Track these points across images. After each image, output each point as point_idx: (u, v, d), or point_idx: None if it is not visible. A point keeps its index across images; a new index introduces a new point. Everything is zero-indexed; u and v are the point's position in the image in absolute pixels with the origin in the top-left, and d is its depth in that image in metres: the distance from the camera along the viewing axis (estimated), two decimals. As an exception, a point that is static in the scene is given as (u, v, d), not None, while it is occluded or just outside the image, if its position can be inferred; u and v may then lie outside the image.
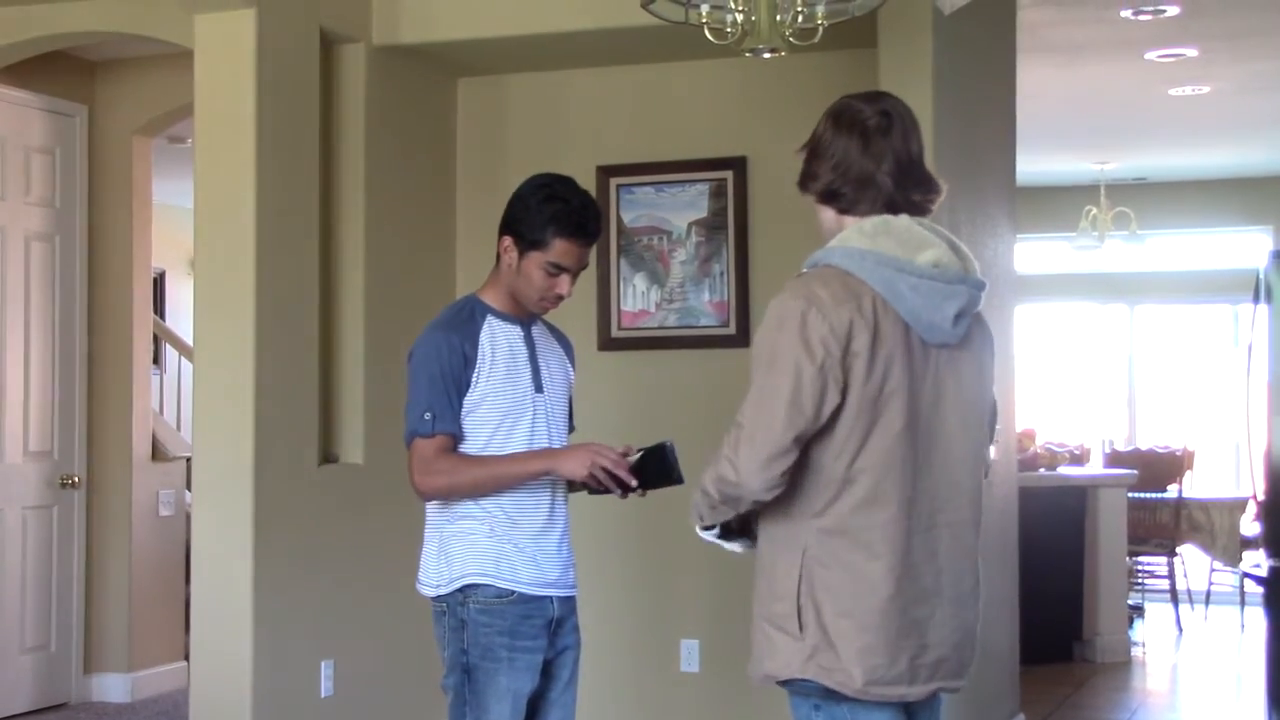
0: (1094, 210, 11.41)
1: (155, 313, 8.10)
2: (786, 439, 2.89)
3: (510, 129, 6.73)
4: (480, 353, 3.92)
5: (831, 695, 2.96)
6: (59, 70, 7.38)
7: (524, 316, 4.05)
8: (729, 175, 6.42)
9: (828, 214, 3.11)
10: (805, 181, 3.16)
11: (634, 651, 6.49)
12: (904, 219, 3.05)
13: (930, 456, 2.99)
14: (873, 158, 3.08)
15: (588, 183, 6.50)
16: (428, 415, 3.91)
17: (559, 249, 3.90)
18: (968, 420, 3.07)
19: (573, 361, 4.30)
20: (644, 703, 6.50)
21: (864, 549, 2.94)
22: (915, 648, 2.97)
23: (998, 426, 3.36)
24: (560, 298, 3.97)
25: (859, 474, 2.93)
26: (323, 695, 5.86)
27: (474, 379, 3.91)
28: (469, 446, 3.94)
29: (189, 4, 5.55)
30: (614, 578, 6.53)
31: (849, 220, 3.07)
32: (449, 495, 3.92)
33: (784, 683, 3.02)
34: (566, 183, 4.06)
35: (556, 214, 3.92)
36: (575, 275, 3.99)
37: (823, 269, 3.00)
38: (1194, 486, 11.00)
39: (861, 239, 3.00)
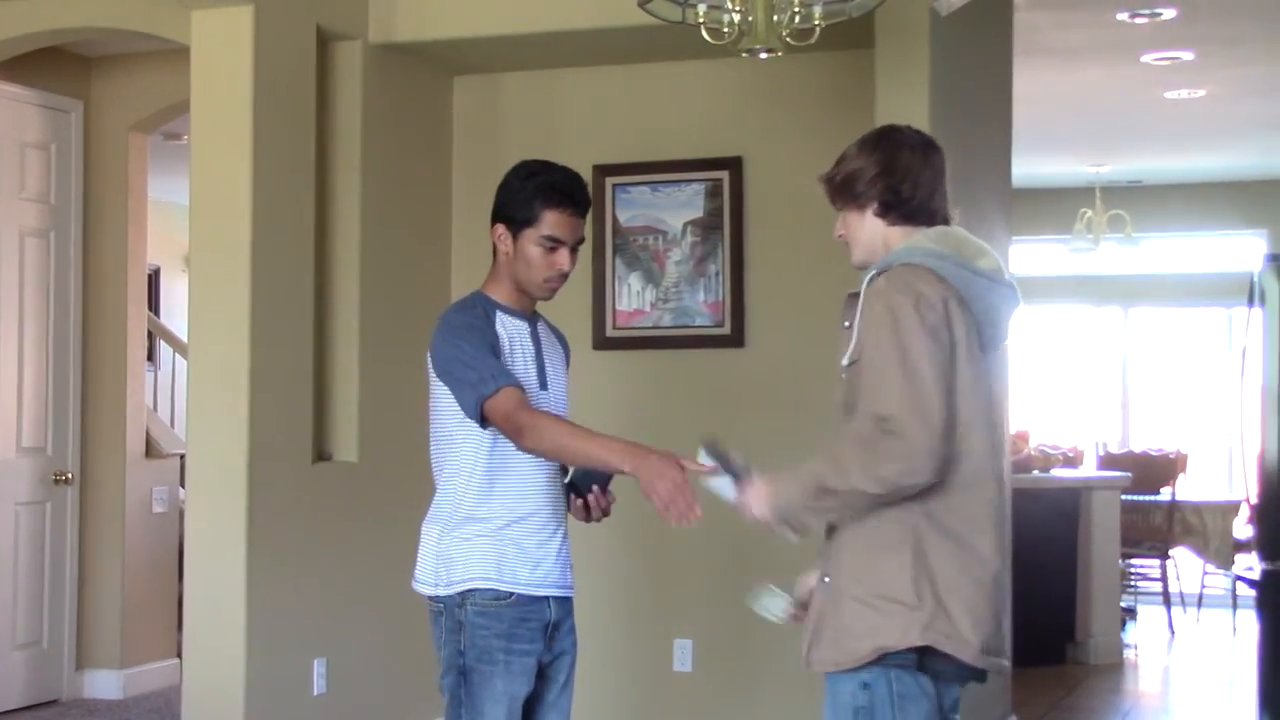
0: (1089, 213, 11.42)
1: (150, 309, 8.09)
2: (945, 419, 3.00)
3: (506, 128, 6.72)
4: (500, 342, 3.91)
5: (921, 665, 3.07)
6: (55, 66, 7.37)
7: (529, 313, 4.03)
8: (725, 175, 6.41)
9: (876, 225, 3.26)
10: (861, 193, 3.28)
11: (628, 651, 6.49)
12: (959, 229, 3.27)
13: (999, 446, 3.17)
14: (934, 174, 3.31)
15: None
16: (482, 378, 3.83)
17: (550, 220, 3.92)
18: (1003, 420, 3.28)
19: (568, 364, 4.25)
20: (638, 702, 6.49)
21: (972, 525, 3.08)
22: (1004, 622, 3.16)
23: None
24: (564, 275, 3.96)
25: (964, 455, 3.06)
26: (315, 693, 5.86)
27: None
28: (476, 439, 3.93)
29: (186, 0, 5.54)
30: (608, 577, 6.53)
31: (898, 231, 3.24)
32: (540, 449, 3.85)
33: (885, 656, 3.07)
34: (546, 162, 4.08)
35: (540, 186, 3.95)
36: (574, 250, 3.99)
37: (905, 267, 3.12)
38: (1187, 489, 11.02)
39: (929, 243, 3.17)
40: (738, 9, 4.58)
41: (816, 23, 4.63)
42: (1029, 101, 7.55)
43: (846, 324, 3.30)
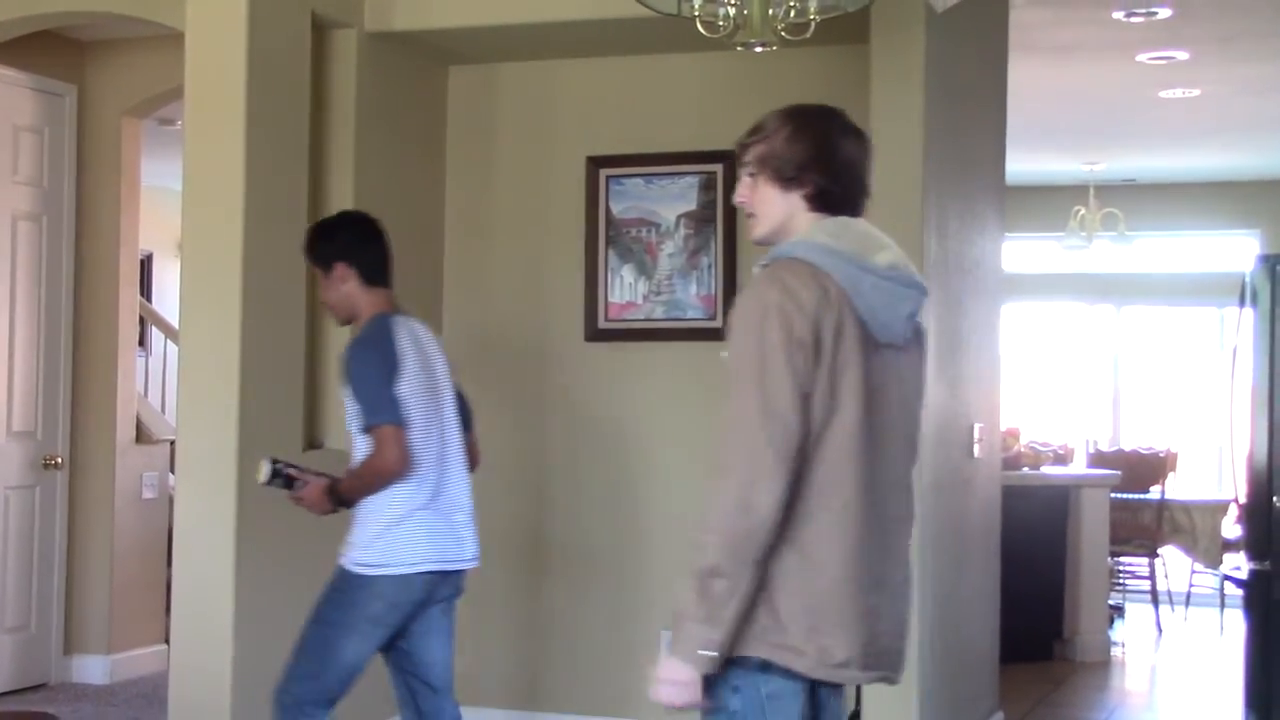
0: (1082, 210, 11.43)
1: (142, 294, 8.09)
2: (800, 418, 2.88)
3: (501, 118, 6.72)
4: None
5: (768, 671, 2.94)
6: (49, 49, 7.36)
7: None
8: (719, 169, 6.40)
9: (797, 208, 3.12)
10: (793, 177, 3.12)
11: (613, 642, 6.49)
12: (862, 221, 3.14)
13: (877, 452, 3.00)
14: (865, 168, 3.19)
15: (578, 173, 6.55)
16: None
17: None
18: (908, 420, 3.11)
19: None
20: (624, 691, 6.50)
21: (817, 536, 2.93)
22: (867, 634, 2.98)
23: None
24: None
25: (817, 464, 2.92)
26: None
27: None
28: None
29: (180, -14, 5.54)
30: (592, 568, 6.53)
31: (812, 218, 3.11)
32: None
33: (729, 661, 2.93)
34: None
35: None
36: None
37: (789, 261, 3.01)
38: (1177, 488, 11.03)
39: (825, 236, 3.05)
40: (733, 2, 4.58)
41: (812, 17, 4.63)
42: (1024, 98, 7.55)
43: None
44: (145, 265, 9.05)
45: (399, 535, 4.41)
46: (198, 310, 5.59)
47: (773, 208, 3.15)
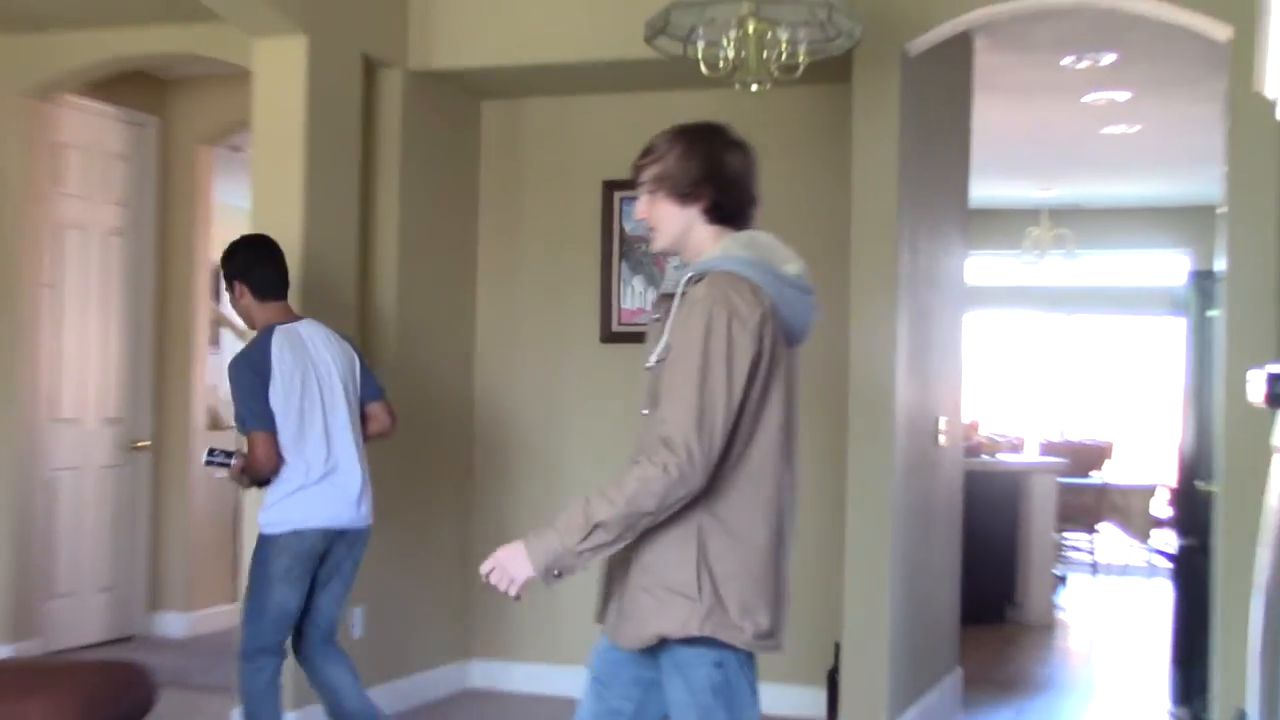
0: (1036, 231, 11.43)
1: (213, 300, 8.07)
2: (724, 438, 2.83)
3: (526, 146, 6.71)
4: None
5: (727, 649, 2.90)
6: (135, 86, 7.37)
7: None
8: (718, 192, 6.38)
9: (695, 221, 3.02)
10: (687, 192, 3.03)
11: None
12: (766, 234, 3.05)
13: (792, 443, 3.00)
14: (752, 178, 3.09)
15: (594, 195, 6.52)
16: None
17: None
18: (797, 416, 3.07)
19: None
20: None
21: (751, 522, 2.91)
22: (783, 609, 2.98)
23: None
24: None
25: (750, 458, 2.90)
26: (355, 636, 5.84)
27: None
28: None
29: (249, 30, 5.53)
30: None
31: (713, 230, 3.01)
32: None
33: (679, 641, 2.90)
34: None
35: None
36: None
37: (729, 277, 2.89)
38: (1114, 474, 11.04)
39: (744, 250, 2.95)
40: (732, 46, 4.57)
41: (800, 59, 4.63)
42: (985, 132, 7.52)
43: (656, 318, 3.06)
44: (217, 275, 9.03)
45: (295, 501, 4.50)
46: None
47: (672, 221, 3.05)
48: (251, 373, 4.50)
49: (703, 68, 4.67)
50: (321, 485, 4.55)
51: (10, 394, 6.67)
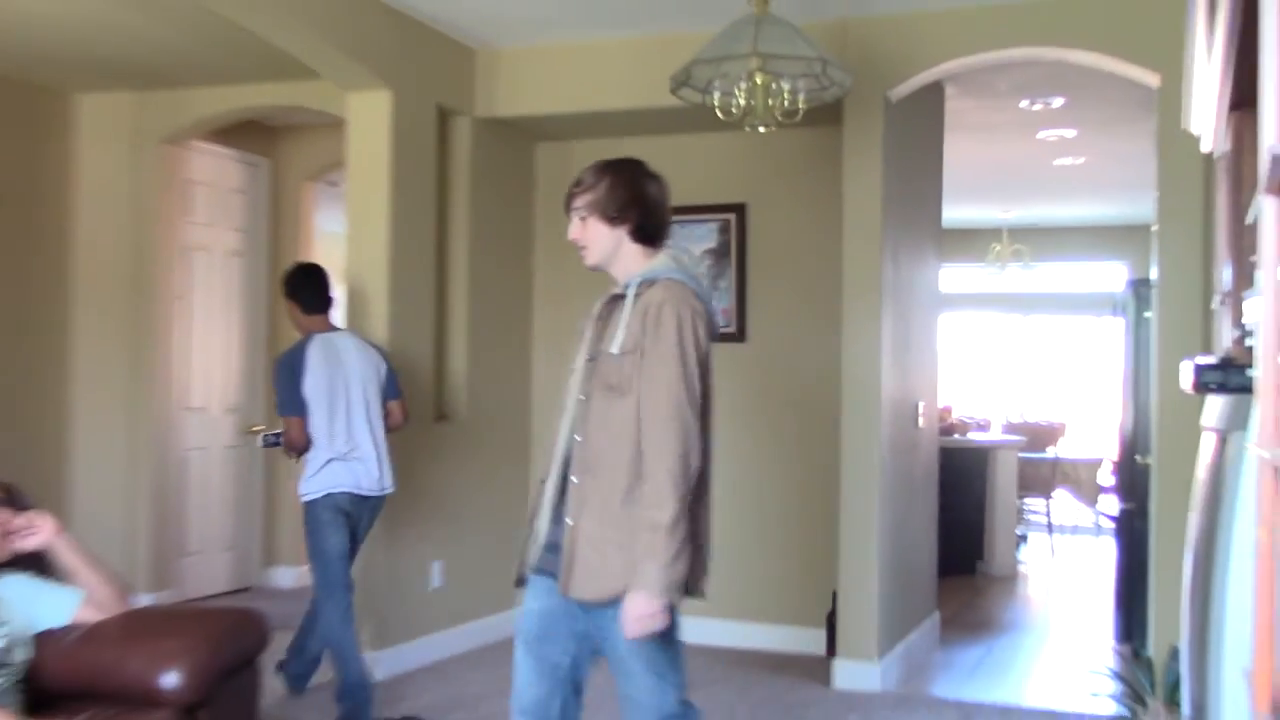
0: (998, 246, 11.35)
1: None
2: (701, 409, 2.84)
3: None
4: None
5: (688, 594, 2.88)
6: (251, 133, 7.40)
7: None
8: (732, 217, 6.38)
9: (623, 241, 2.99)
10: (615, 216, 2.98)
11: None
12: (680, 254, 3.04)
13: (710, 420, 2.91)
14: (667, 204, 3.08)
15: (630, 220, 6.51)
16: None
17: None
18: (714, 395, 2.98)
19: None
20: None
21: (707, 490, 2.88)
22: (709, 562, 2.94)
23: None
24: None
25: (704, 436, 2.86)
26: (433, 587, 5.86)
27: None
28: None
29: (344, 85, 5.54)
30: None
31: (639, 249, 2.99)
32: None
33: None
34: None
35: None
36: None
37: (679, 285, 2.88)
38: (1066, 449, 10.96)
39: (677, 264, 2.96)
40: (743, 95, 4.56)
41: (800, 106, 4.61)
42: (955, 164, 7.48)
43: (598, 317, 2.98)
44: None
45: (325, 472, 4.72)
46: (360, 322, 5.60)
47: (603, 241, 3.00)
48: (289, 370, 4.77)
49: (718, 113, 4.66)
50: (345, 460, 4.75)
51: (149, 388, 6.71)
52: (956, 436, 9.07)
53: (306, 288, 4.96)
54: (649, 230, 3.00)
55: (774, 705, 5.22)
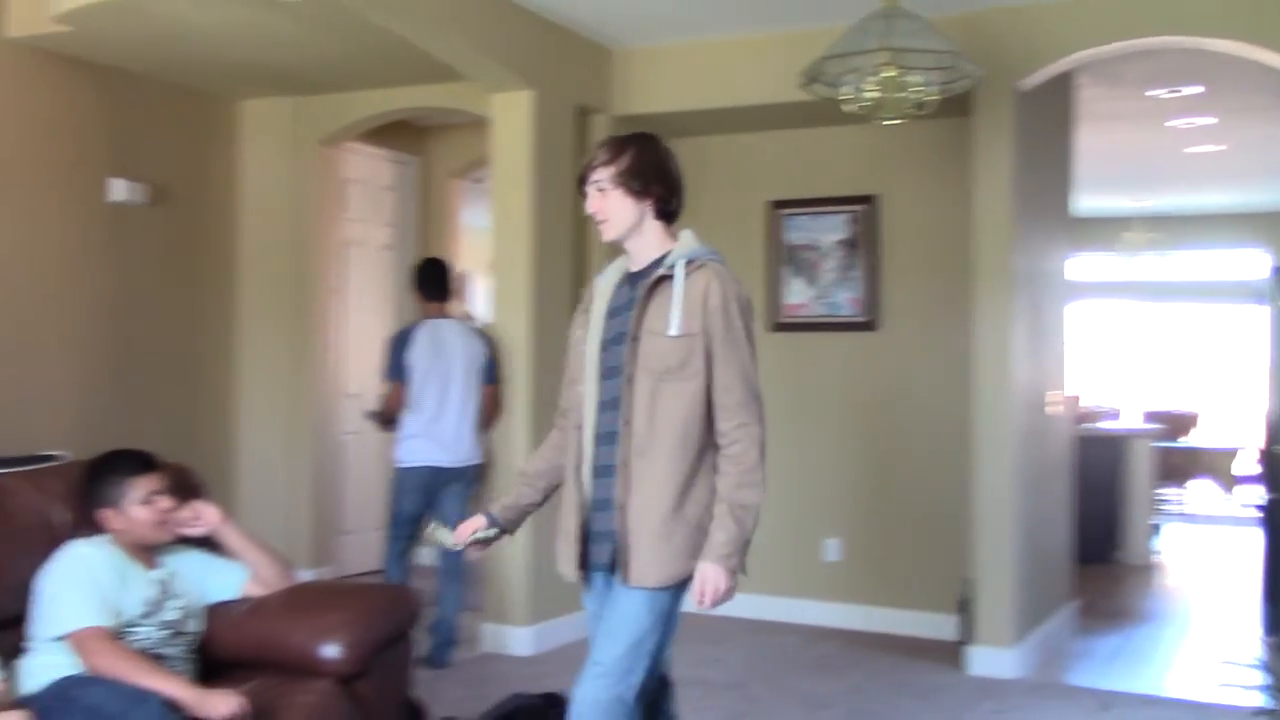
0: (1129, 235, 11.03)
1: (463, 300, 8.25)
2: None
3: (706, 174, 6.70)
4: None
5: (681, 586, 2.78)
6: (400, 133, 7.56)
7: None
8: (864, 208, 6.31)
9: (645, 216, 2.86)
10: (639, 190, 2.84)
11: (782, 548, 6.45)
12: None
13: None
14: (683, 181, 2.96)
15: (760, 214, 6.50)
16: None
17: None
18: None
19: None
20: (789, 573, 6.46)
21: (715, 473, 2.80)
22: None
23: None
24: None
25: None
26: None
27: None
28: None
29: (488, 87, 5.63)
30: (786, 496, 6.49)
31: (660, 225, 2.88)
32: None
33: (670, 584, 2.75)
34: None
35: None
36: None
37: (722, 265, 2.83)
38: (1201, 438, 10.61)
39: (706, 244, 2.88)
40: (873, 89, 4.51)
41: (930, 98, 4.54)
42: (1086, 153, 7.28)
43: (646, 298, 2.79)
44: (463, 278, 9.24)
45: (406, 445, 5.33)
46: (503, 311, 5.70)
47: (626, 215, 2.85)
48: (396, 343, 5.38)
49: (849, 107, 4.62)
50: (423, 436, 5.28)
51: (309, 375, 6.91)
52: (1089, 425, 8.85)
53: (426, 279, 5.48)
54: (671, 206, 2.89)
55: (907, 690, 5.16)
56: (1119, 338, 12.81)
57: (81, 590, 2.99)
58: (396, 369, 5.32)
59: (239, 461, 6.89)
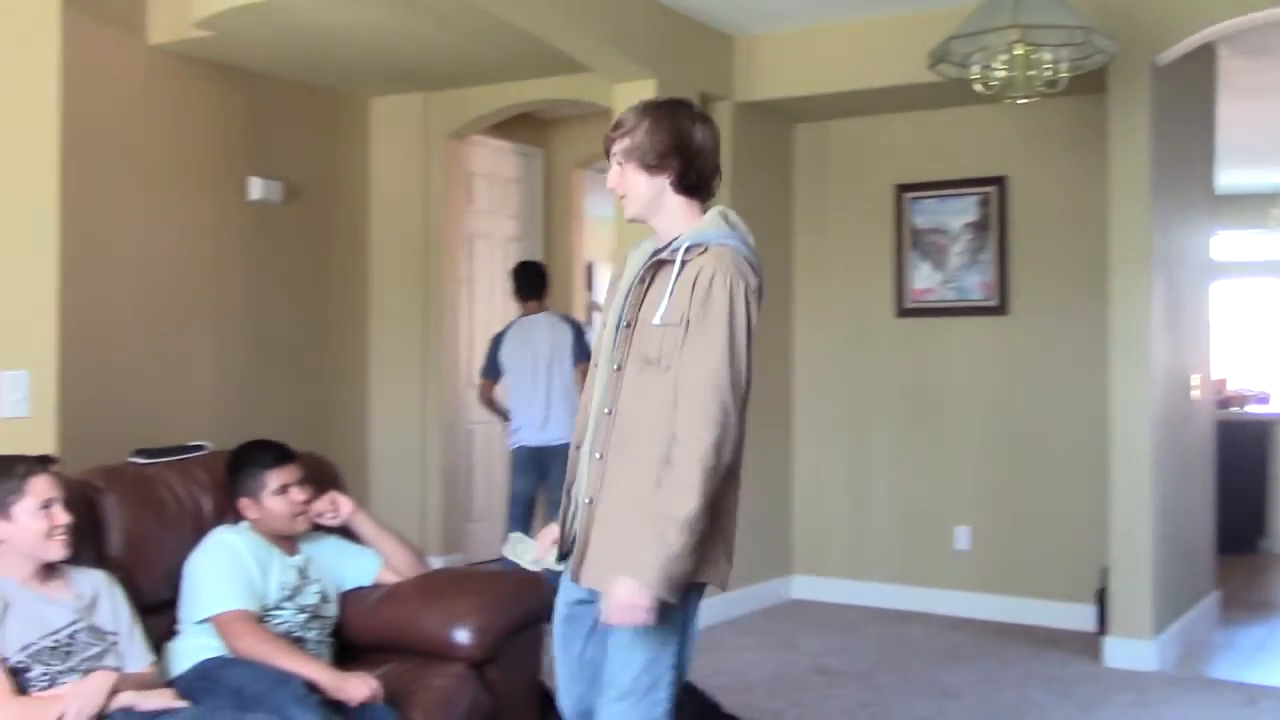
0: (1277, 211, 10.59)
1: (586, 289, 8.31)
2: (745, 389, 2.50)
3: (832, 159, 6.64)
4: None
5: (702, 586, 2.55)
6: (525, 126, 7.62)
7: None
8: (994, 190, 6.18)
9: (664, 191, 2.61)
10: (654, 164, 2.58)
11: (914, 535, 6.36)
12: (730, 211, 2.67)
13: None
14: (715, 151, 2.66)
15: (888, 197, 6.41)
16: None
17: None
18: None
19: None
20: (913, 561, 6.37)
21: (734, 475, 2.53)
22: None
23: None
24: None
25: (743, 417, 2.53)
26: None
27: None
28: None
29: (611, 77, 5.65)
30: (895, 473, 6.42)
31: (682, 200, 2.61)
32: None
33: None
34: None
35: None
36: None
37: (731, 250, 2.52)
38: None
39: (729, 227, 2.59)
40: (1003, 67, 4.41)
41: (1062, 75, 4.43)
42: (1228, 127, 7.00)
43: (642, 281, 2.58)
44: (588, 270, 9.30)
45: (513, 431, 5.97)
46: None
47: (642, 192, 2.61)
48: (493, 343, 6.11)
49: (978, 87, 4.52)
50: (523, 421, 5.91)
51: (438, 366, 7.03)
52: (1235, 409, 8.53)
53: (519, 280, 6.13)
54: (692, 180, 2.61)
55: (1042, 680, 5.06)
56: (1268, 318, 12.31)
57: (225, 575, 3.10)
58: (487, 367, 6.10)
59: (371, 451, 7.05)
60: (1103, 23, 4.91)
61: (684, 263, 2.52)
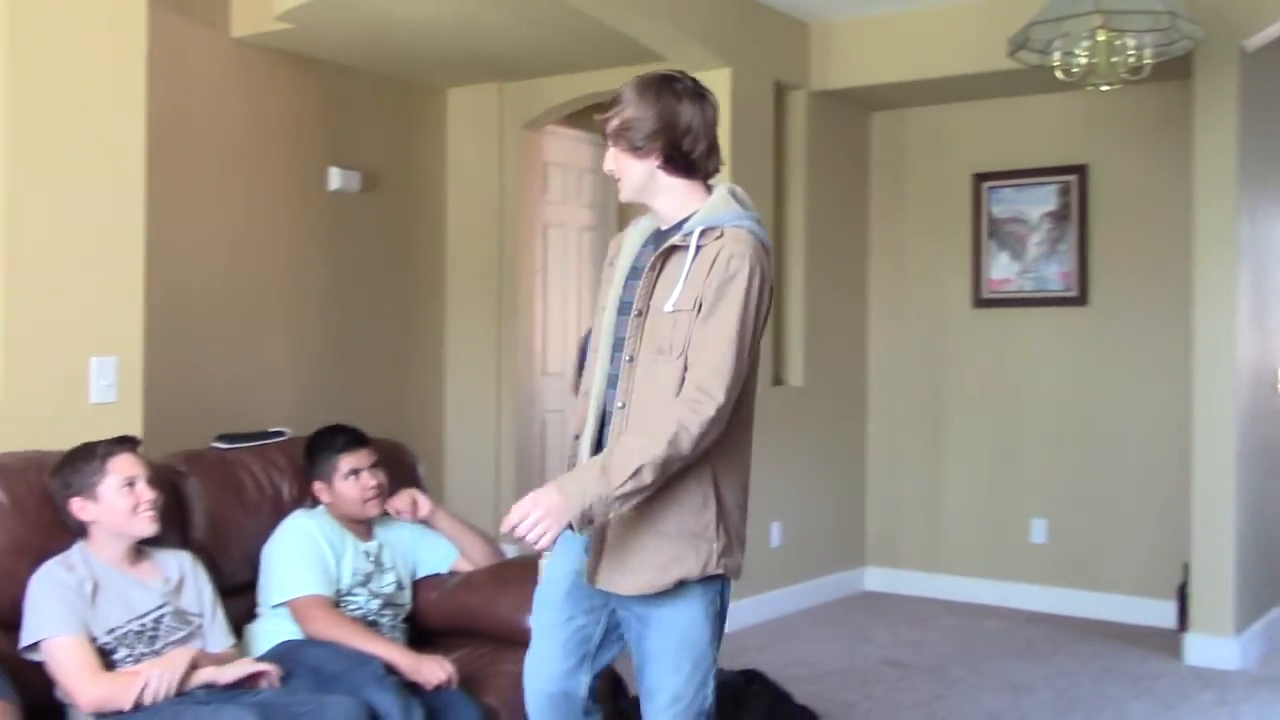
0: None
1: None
2: (742, 380, 2.42)
3: (909, 147, 6.58)
4: None
5: (724, 578, 2.51)
6: (599, 114, 7.61)
7: None
8: (1074, 179, 6.08)
9: (654, 172, 2.49)
10: (640, 146, 2.47)
11: (990, 527, 6.29)
12: (737, 188, 2.56)
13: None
14: (709, 125, 2.52)
15: (965, 186, 6.33)
16: None
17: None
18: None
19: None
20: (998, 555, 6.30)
21: (744, 464, 2.50)
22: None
23: None
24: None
25: (744, 405, 2.46)
26: (773, 546, 5.93)
27: None
28: None
29: (687, 66, 5.57)
30: (971, 465, 6.35)
31: (677, 181, 2.50)
32: None
33: (687, 582, 2.45)
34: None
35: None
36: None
37: (746, 233, 2.43)
38: None
39: (741, 207, 2.49)
40: (1085, 54, 4.33)
41: (1146, 61, 4.34)
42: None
43: (653, 268, 2.47)
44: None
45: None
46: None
47: (632, 174, 2.51)
48: (583, 341, 5.27)
49: (1059, 74, 4.45)
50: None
51: (513, 355, 7.08)
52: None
53: None
54: (680, 161, 2.48)
55: (1120, 676, 4.98)
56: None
57: (302, 560, 3.15)
58: (579, 364, 5.73)
59: (447, 438, 7.12)
60: (1188, 7, 4.80)
61: (699, 247, 2.42)
